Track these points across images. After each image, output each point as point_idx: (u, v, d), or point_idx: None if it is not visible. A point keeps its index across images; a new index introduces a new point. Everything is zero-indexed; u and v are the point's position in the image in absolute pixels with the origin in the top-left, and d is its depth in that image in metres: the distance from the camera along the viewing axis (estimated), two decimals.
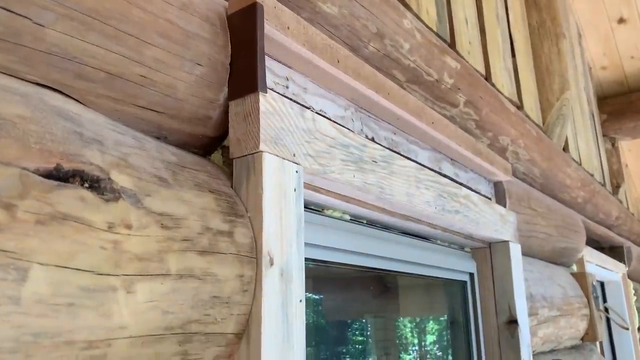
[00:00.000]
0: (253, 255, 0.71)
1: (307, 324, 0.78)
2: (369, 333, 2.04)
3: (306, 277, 0.80)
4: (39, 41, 0.60)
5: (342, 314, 1.98)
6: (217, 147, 0.86)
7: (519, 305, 1.62)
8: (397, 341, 2.08)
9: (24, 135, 0.51)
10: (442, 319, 1.90)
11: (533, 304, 1.82)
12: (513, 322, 1.61)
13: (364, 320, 2.05)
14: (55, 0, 0.60)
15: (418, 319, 2.07)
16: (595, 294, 2.54)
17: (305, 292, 0.79)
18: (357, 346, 2.04)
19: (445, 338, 1.84)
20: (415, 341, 2.11)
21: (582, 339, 2.40)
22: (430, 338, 2.07)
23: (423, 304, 1.92)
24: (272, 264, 0.73)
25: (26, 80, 0.61)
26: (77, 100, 0.66)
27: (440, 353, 2.03)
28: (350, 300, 1.92)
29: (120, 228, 0.55)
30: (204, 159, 0.82)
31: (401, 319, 2.06)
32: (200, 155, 0.84)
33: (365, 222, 1.23)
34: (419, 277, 1.46)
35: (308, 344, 0.85)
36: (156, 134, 0.77)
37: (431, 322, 2.05)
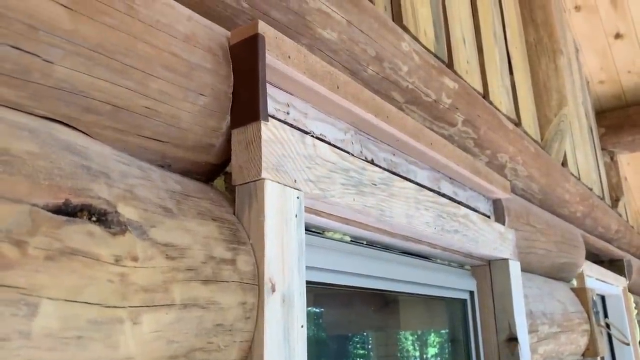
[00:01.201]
0: (255, 282, 0.73)
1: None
2: (369, 347, 2.04)
3: (307, 292, 0.82)
4: (47, 77, 0.62)
5: (341, 328, 1.98)
6: (219, 174, 0.87)
7: (519, 322, 1.63)
8: (398, 356, 2.07)
9: (33, 171, 0.53)
10: (442, 337, 1.91)
11: (533, 321, 1.83)
12: (513, 339, 1.61)
13: (364, 334, 2.05)
14: (63, 37, 0.62)
15: (418, 335, 2.07)
16: (596, 309, 2.54)
17: (307, 305, 0.81)
18: None
19: (445, 356, 1.84)
20: (416, 358, 2.11)
21: (583, 354, 2.40)
22: (430, 356, 2.07)
23: (423, 321, 1.93)
24: (273, 291, 0.74)
25: (35, 115, 0.63)
26: (84, 133, 0.68)
27: None
28: (349, 315, 1.92)
29: (127, 261, 0.56)
30: (207, 185, 0.84)
31: (401, 334, 2.06)
32: (203, 181, 0.86)
33: (365, 243, 1.24)
34: (420, 296, 1.47)
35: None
36: (160, 162, 0.78)
37: (431, 338, 2.05)
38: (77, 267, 0.51)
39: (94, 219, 0.55)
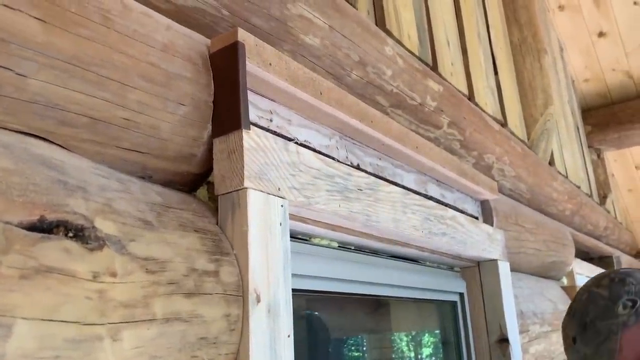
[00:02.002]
0: (239, 293, 0.72)
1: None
2: (362, 350, 2.04)
3: (296, 298, 0.81)
4: (21, 91, 0.61)
5: (333, 331, 1.97)
6: (202, 183, 0.86)
7: (510, 323, 1.63)
8: (390, 359, 2.07)
9: (7, 188, 0.52)
10: (433, 339, 1.90)
11: (524, 321, 1.83)
12: (504, 340, 1.61)
13: (356, 337, 2.04)
14: (37, 50, 0.61)
15: (409, 338, 2.07)
16: None
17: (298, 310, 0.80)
18: None
19: (437, 358, 1.84)
20: None
21: None
22: (422, 359, 2.07)
23: (414, 323, 1.92)
24: (258, 301, 0.73)
25: (9, 130, 0.62)
26: (61, 146, 0.67)
27: None
28: (340, 319, 1.91)
29: (105, 277, 0.55)
30: (189, 196, 0.83)
31: (392, 337, 2.05)
32: (185, 191, 0.85)
33: (353, 248, 1.24)
34: (410, 299, 1.46)
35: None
36: (141, 173, 0.77)
37: (423, 341, 2.05)
38: (52, 285, 0.50)
39: (70, 234, 0.54)
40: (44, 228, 0.52)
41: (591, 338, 1.05)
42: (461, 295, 1.65)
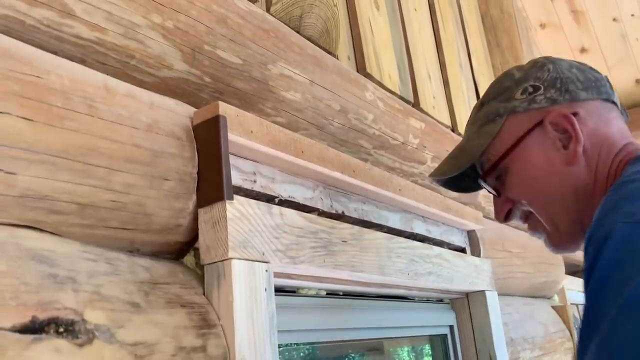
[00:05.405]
0: None
1: None
2: None
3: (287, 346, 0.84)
4: (11, 188, 0.64)
5: None
6: (189, 250, 0.90)
7: (500, 352, 1.66)
8: None
9: (0, 292, 0.55)
10: None
11: (514, 348, 1.86)
12: None
13: None
14: (26, 148, 0.64)
15: None
16: (578, 325, 2.59)
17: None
18: None
19: None
20: None
21: None
22: None
23: (405, 357, 1.95)
24: None
25: (0, 224, 0.65)
26: (52, 232, 0.70)
27: None
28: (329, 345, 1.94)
29: None
30: (176, 264, 0.86)
31: None
32: (173, 259, 0.88)
33: (341, 293, 1.27)
34: (400, 338, 1.49)
35: None
36: (129, 248, 0.80)
37: None
38: None
39: (61, 330, 0.57)
40: (35, 328, 0.55)
41: (480, 117, 0.95)
42: (451, 327, 1.67)
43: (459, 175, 0.98)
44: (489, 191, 0.98)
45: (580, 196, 0.84)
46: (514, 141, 0.89)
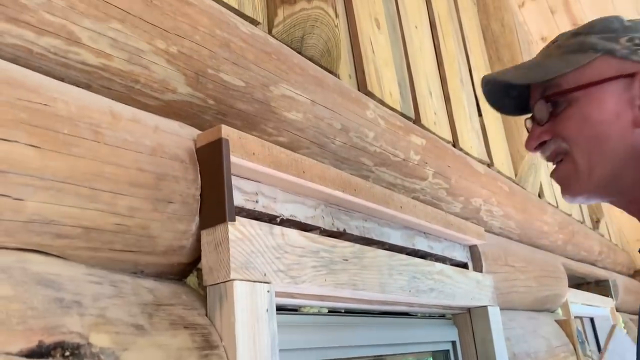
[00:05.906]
0: None
1: None
2: None
3: None
4: (18, 214, 0.66)
5: None
6: (192, 270, 0.91)
7: None
8: None
9: (7, 317, 0.56)
10: None
11: None
12: None
13: None
14: (33, 175, 0.66)
15: None
16: (581, 338, 2.58)
17: None
18: None
19: None
20: None
21: None
22: None
23: None
24: None
25: (7, 249, 0.66)
26: (57, 255, 0.71)
27: None
28: None
29: None
30: (179, 285, 0.87)
31: None
32: (177, 279, 0.89)
33: (343, 310, 1.27)
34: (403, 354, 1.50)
35: None
36: (133, 270, 0.82)
37: None
38: None
39: (67, 354, 0.59)
40: (42, 353, 0.56)
41: (570, 44, 0.90)
42: (453, 343, 1.68)
43: (505, 90, 0.95)
44: (533, 115, 0.94)
45: (629, 160, 0.83)
46: (598, 80, 0.86)
